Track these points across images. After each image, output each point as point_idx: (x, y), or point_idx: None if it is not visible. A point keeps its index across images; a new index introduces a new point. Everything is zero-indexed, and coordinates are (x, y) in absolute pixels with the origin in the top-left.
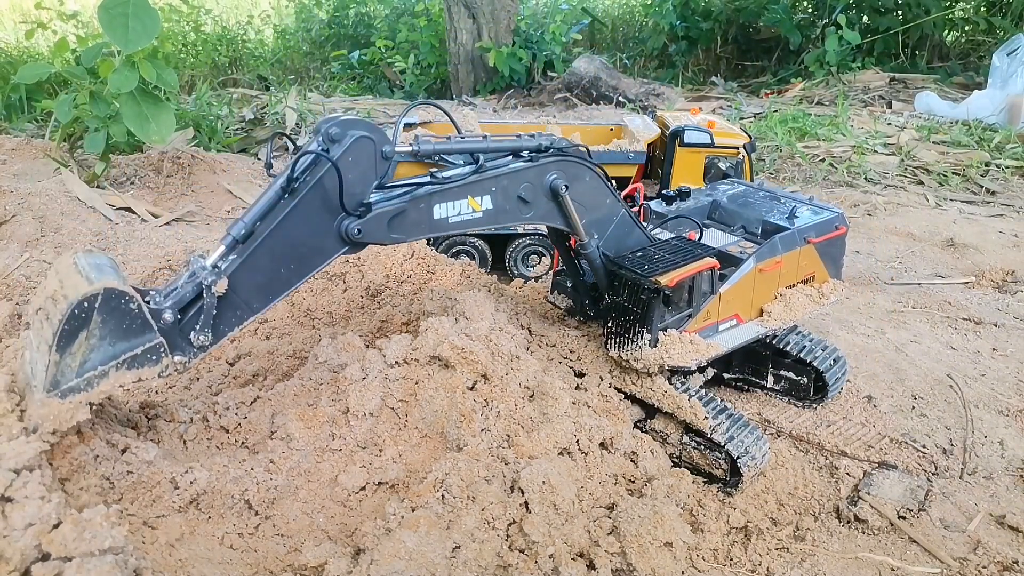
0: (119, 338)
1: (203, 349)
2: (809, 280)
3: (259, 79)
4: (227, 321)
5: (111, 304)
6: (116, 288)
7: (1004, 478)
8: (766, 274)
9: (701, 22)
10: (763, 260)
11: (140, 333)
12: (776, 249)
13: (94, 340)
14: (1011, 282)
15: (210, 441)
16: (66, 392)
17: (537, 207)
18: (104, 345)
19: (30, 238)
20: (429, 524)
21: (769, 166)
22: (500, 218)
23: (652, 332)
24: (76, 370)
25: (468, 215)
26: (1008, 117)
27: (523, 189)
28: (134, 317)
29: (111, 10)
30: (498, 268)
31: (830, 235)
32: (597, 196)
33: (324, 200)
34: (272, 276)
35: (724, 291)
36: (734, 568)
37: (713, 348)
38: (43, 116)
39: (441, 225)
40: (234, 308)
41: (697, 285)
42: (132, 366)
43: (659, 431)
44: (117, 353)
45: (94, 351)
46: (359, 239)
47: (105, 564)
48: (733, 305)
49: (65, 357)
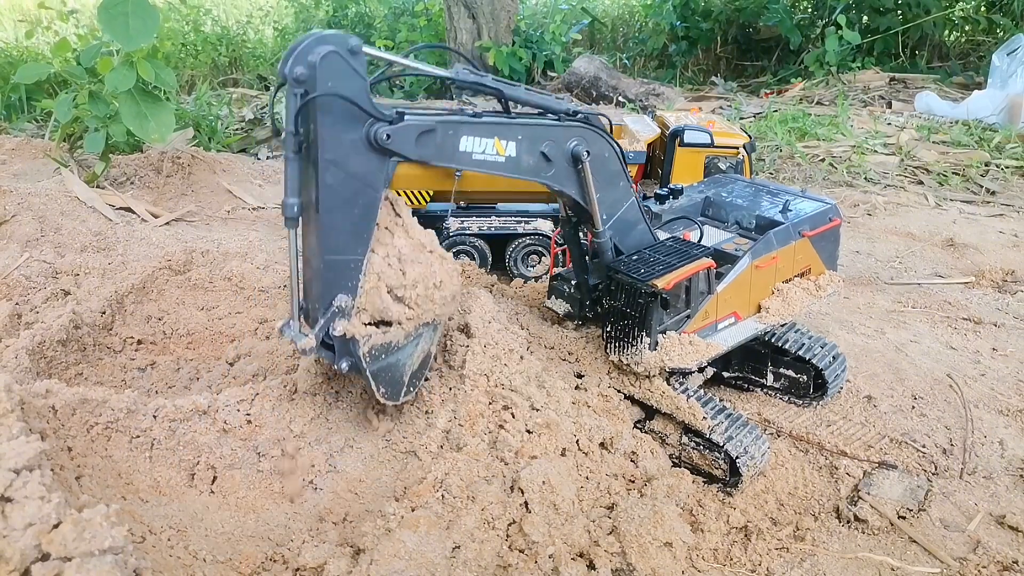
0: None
1: (345, 312)
2: (805, 273)
3: (259, 79)
4: (351, 276)
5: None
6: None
7: (1004, 478)
8: (762, 270)
9: (701, 22)
10: (759, 256)
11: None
12: (771, 244)
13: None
14: (1011, 282)
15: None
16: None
17: (558, 168)
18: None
19: (30, 238)
20: (429, 524)
21: (769, 166)
22: (521, 170)
23: (651, 335)
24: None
25: (492, 157)
26: (1008, 117)
27: (546, 146)
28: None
29: (111, 9)
30: (498, 268)
31: (825, 227)
32: (613, 174)
33: (340, 133)
34: (349, 227)
35: (721, 290)
36: (734, 568)
37: (713, 348)
38: (43, 116)
39: (464, 159)
40: (347, 266)
41: (694, 286)
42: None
43: (659, 431)
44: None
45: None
46: (387, 144)
47: (105, 564)
48: (731, 303)
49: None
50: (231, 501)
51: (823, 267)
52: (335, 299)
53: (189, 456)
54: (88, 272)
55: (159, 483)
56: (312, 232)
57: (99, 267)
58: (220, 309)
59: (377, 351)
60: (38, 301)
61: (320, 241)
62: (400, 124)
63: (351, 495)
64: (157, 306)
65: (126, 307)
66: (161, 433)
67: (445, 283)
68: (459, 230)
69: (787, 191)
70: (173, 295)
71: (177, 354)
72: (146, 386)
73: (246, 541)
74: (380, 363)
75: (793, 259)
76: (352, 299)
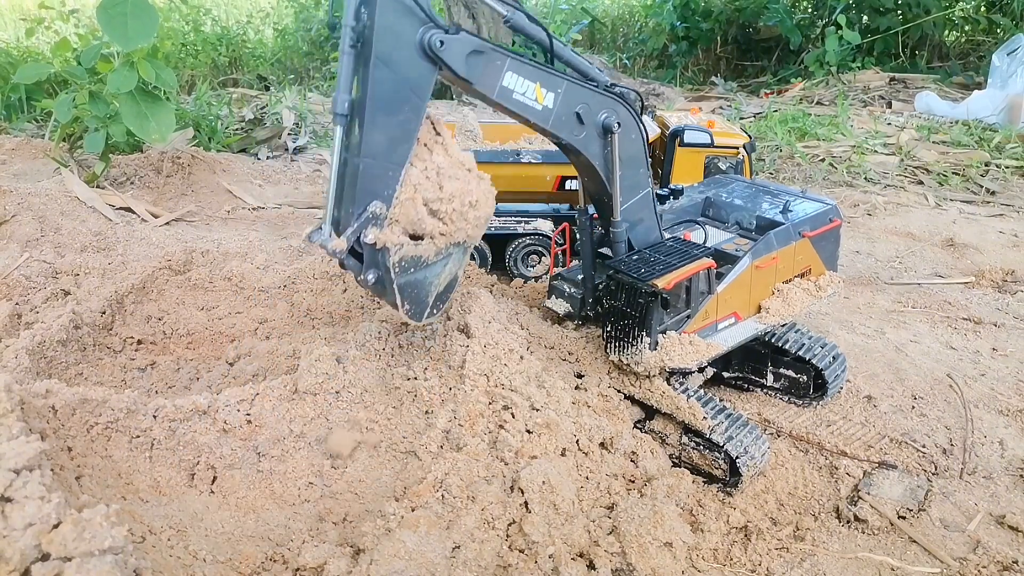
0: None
1: (379, 220)
2: (806, 274)
3: (259, 79)
4: (388, 184)
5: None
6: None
7: (1004, 478)
8: (762, 270)
9: (701, 22)
10: (759, 257)
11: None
12: (771, 245)
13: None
14: (1011, 282)
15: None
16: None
17: (589, 132)
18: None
19: (30, 238)
20: (429, 524)
21: (769, 166)
22: (556, 124)
23: (651, 335)
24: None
25: (530, 101)
26: (1008, 117)
27: (581, 108)
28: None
29: (110, 9)
30: (498, 268)
31: (825, 228)
32: (636, 157)
33: (396, 32)
34: (391, 131)
35: (721, 290)
36: (734, 568)
37: (713, 348)
38: (43, 116)
39: (504, 94)
40: (385, 172)
41: (694, 286)
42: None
43: (659, 431)
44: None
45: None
46: (439, 52)
47: (105, 564)
48: (731, 303)
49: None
50: (231, 501)
51: (823, 267)
52: (370, 205)
53: (189, 456)
54: (88, 272)
55: (159, 483)
56: (356, 133)
57: (99, 267)
58: (220, 309)
59: (406, 263)
60: (38, 301)
61: (363, 142)
62: (455, 36)
63: (351, 495)
64: (157, 306)
65: (126, 307)
66: (161, 433)
67: (481, 203)
68: None
69: (787, 191)
70: (173, 295)
71: (177, 354)
72: (146, 386)
73: (246, 541)
74: (407, 277)
75: (793, 259)
76: (387, 208)
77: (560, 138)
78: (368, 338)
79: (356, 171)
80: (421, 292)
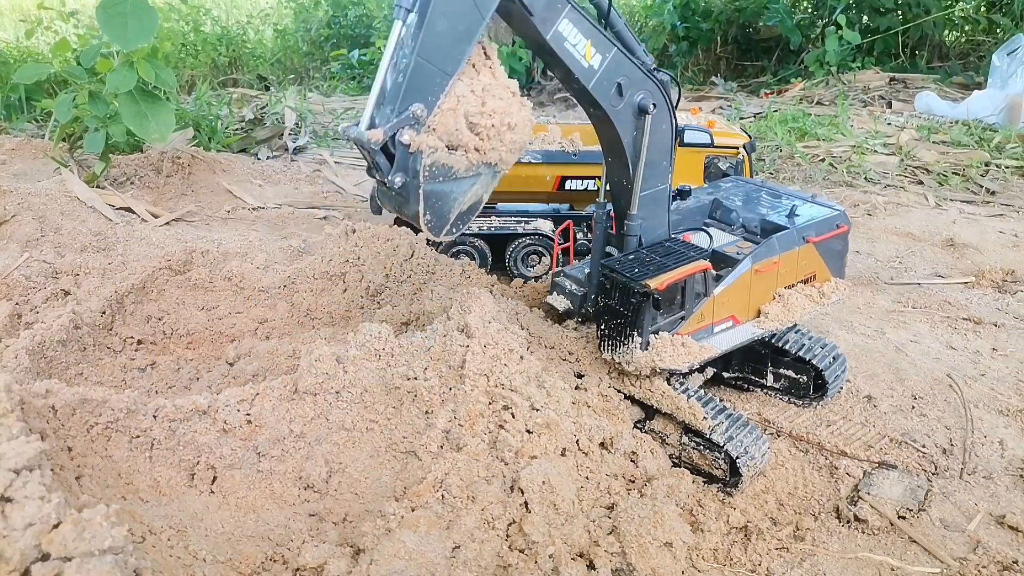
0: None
1: (419, 122)
2: (810, 279)
3: (259, 79)
4: (434, 90)
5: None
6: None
7: (1004, 478)
8: (763, 275)
9: (701, 22)
10: (759, 261)
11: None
12: (773, 249)
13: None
14: (1011, 282)
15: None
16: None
17: (626, 105)
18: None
19: (30, 238)
20: (429, 524)
21: (769, 166)
22: (597, 86)
23: (643, 335)
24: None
25: (579, 56)
26: (1008, 117)
27: (623, 80)
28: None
29: (110, 9)
30: (498, 268)
31: (831, 234)
32: (662, 147)
33: None
34: (448, 39)
35: (719, 293)
36: (734, 568)
37: (706, 351)
38: (43, 116)
39: (557, 40)
40: (434, 76)
41: (689, 287)
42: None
43: (659, 431)
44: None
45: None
46: None
47: (105, 564)
48: (729, 306)
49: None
50: (231, 501)
51: (829, 274)
52: (413, 105)
53: (189, 456)
54: (88, 272)
55: (159, 483)
56: (413, 32)
57: (99, 267)
58: (220, 309)
59: (436, 171)
60: (38, 301)
61: (420, 41)
62: None
63: (351, 495)
64: (157, 306)
65: (126, 307)
66: (161, 433)
67: (519, 128)
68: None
69: (796, 195)
70: (173, 295)
71: (177, 354)
72: (146, 386)
73: (246, 541)
74: (435, 186)
75: (797, 265)
76: (428, 113)
77: (599, 103)
78: (368, 338)
79: (407, 69)
80: (445, 206)
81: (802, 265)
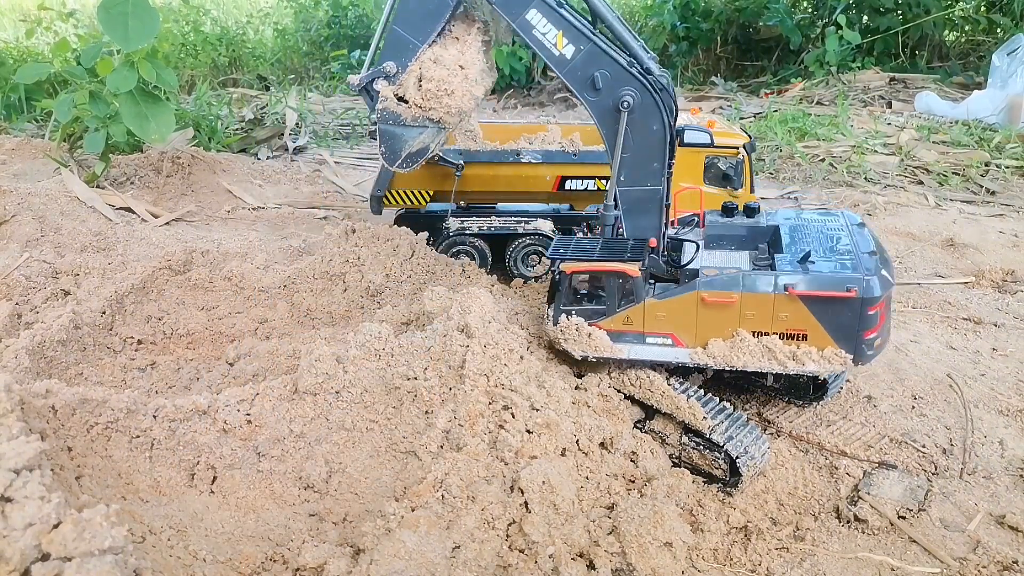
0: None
1: (389, 77)
2: (800, 338)
3: (259, 79)
4: (406, 53)
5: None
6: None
7: (1004, 478)
8: (713, 306)
9: (701, 22)
10: (708, 290)
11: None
12: (730, 284)
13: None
14: (1011, 282)
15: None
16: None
17: (603, 100)
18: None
19: (30, 238)
20: (429, 524)
21: (769, 166)
22: (569, 75)
23: (555, 311)
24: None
25: (549, 44)
26: (1008, 117)
27: (601, 74)
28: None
29: (111, 9)
30: (498, 268)
31: (828, 292)
32: (648, 149)
33: None
34: (420, 15)
35: (650, 303)
36: (734, 568)
37: (611, 350)
38: (43, 116)
39: (525, 27)
40: (406, 43)
41: (610, 285)
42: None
43: (659, 431)
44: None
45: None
46: None
47: (105, 564)
48: (667, 323)
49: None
50: (231, 501)
51: (829, 340)
52: (386, 63)
53: (189, 456)
54: (88, 272)
55: (159, 483)
56: (396, 6)
57: (99, 267)
58: (220, 309)
59: (387, 115)
60: (38, 301)
61: (399, 14)
62: None
63: (351, 495)
64: (157, 306)
65: (126, 307)
66: (161, 433)
67: (456, 95)
68: (459, 230)
69: (859, 247)
70: (173, 295)
71: (177, 354)
72: (146, 386)
73: (246, 541)
74: (387, 127)
75: (772, 313)
76: (399, 70)
77: (572, 90)
78: (368, 338)
79: (388, 36)
80: (396, 144)
81: (781, 316)
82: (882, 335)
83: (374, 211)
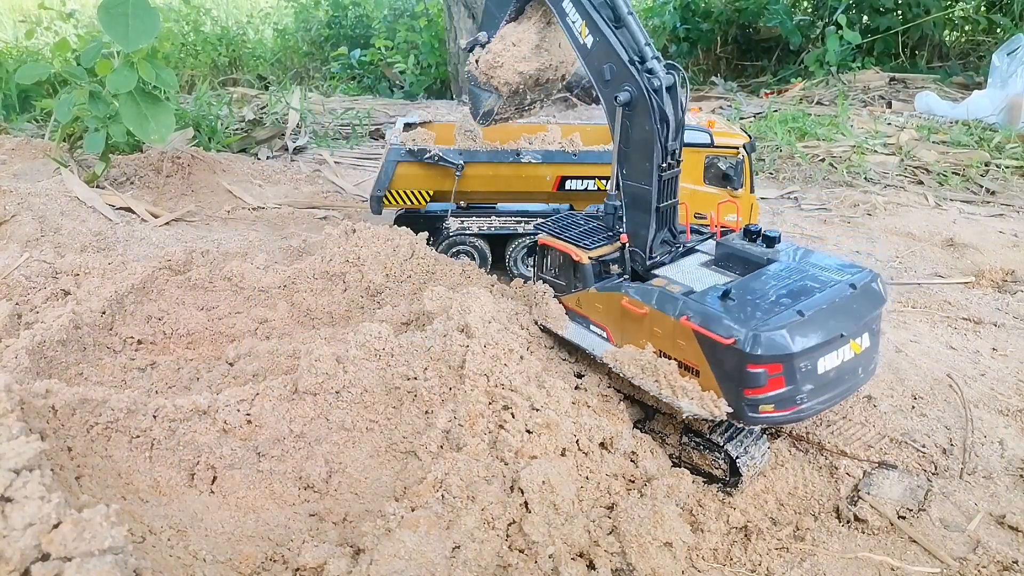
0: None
1: (480, 44)
2: (693, 372)
3: (259, 79)
4: (494, 25)
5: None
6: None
7: (1004, 478)
8: (630, 314)
9: (701, 23)
10: (629, 296)
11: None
12: (645, 295)
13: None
14: (1011, 282)
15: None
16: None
17: (610, 92)
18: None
19: (30, 238)
20: (429, 524)
21: (769, 166)
22: (588, 63)
23: (534, 274)
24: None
25: (575, 31)
26: (1008, 117)
27: (608, 67)
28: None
29: (111, 9)
30: (498, 268)
31: (709, 333)
32: (644, 146)
33: None
34: None
35: (592, 292)
36: (734, 568)
37: (555, 323)
38: (43, 116)
39: (561, 13)
40: (493, 17)
41: (566, 264)
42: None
43: (659, 431)
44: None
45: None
46: None
47: (105, 564)
48: (600, 316)
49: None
50: (231, 501)
51: (715, 385)
52: (480, 33)
53: (189, 456)
54: (88, 272)
55: (159, 483)
56: None
57: (99, 267)
58: (220, 309)
59: (471, 77)
60: (38, 301)
61: None
62: None
63: (351, 495)
64: (157, 306)
65: (126, 307)
66: (161, 433)
67: (504, 68)
68: (459, 230)
69: (812, 304)
70: (173, 295)
71: (177, 354)
72: (146, 386)
73: (246, 541)
74: (471, 87)
75: (672, 338)
76: (487, 39)
77: (591, 77)
78: (368, 338)
79: (485, 8)
80: (476, 102)
81: (679, 344)
82: (775, 402)
83: (374, 211)
